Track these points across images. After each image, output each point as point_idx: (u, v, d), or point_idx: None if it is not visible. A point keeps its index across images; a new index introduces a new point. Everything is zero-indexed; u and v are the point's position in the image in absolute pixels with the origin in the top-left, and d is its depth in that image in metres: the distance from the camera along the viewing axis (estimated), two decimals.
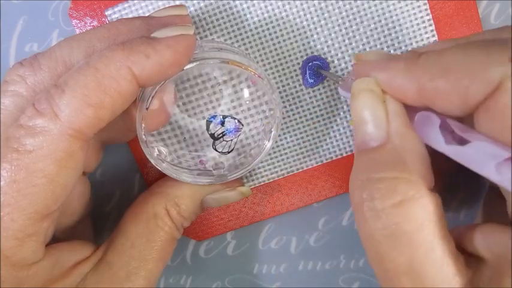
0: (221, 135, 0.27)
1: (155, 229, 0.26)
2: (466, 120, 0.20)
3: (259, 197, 0.31)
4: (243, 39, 0.28)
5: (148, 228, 0.26)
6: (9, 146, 0.20)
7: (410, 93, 0.20)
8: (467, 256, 0.20)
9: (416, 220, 0.19)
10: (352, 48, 0.29)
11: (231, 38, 0.28)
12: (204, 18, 0.28)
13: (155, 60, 0.21)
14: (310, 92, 0.29)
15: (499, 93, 0.17)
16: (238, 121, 0.28)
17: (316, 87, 0.29)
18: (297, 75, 0.29)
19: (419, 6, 0.28)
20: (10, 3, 0.29)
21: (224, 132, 0.28)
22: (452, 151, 0.19)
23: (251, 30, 0.28)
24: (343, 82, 0.26)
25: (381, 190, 0.19)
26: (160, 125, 0.28)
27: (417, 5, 0.28)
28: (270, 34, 0.28)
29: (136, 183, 0.31)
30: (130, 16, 0.28)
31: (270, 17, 0.28)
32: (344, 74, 0.29)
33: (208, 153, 0.28)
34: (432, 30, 0.29)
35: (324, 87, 0.29)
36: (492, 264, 0.20)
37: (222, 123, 0.27)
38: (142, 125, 0.24)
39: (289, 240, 0.33)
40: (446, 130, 0.20)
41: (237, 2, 0.28)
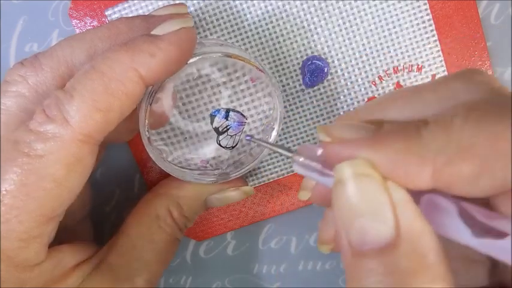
0: (225, 129, 0.27)
1: (157, 230, 0.26)
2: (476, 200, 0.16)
3: (259, 197, 0.31)
4: (243, 39, 0.28)
5: (150, 230, 0.26)
6: (20, 150, 0.20)
7: (420, 178, 0.16)
8: None
9: None
10: (352, 48, 0.29)
11: (231, 38, 0.28)
12: (204, 18, 0.28)
13: (160, 59, 0.21)
14: (310, 92, 0.29)
15: None
16: (242, 114, 0.28)
17: (316, 87, 0.29)
18: (297, 75, 0.29)
19: (419, 6, 0.28)
20: (10, 3, 0.29)
21: (228, 126, 0.27)
22: (484, 245, 0.15)
23: (251, 30, 0.28)
24: (300, 158, 0.19)
25: None
26: (160, 126, 0.28)
27: (417, 5, 0.28)
28: (270, 34, 0.28)
29: (136, 183, 0.31)
30: (130, 16, 0.28)
31: (270, 17, 0.28)
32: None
33: (209, 153, 0.28)
34: (432, 30, 0.29)
35: (324, 87, 0.29)
36: None
37: (226, 117, 0.27)
38: (146, 121, 0.24)
39: (289, 240, 0.33)
40: (464, 216, 0.16)
41: (237, 2, 0.28)
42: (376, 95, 0.29)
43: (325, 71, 0.29)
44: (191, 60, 0.23)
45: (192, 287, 0.33)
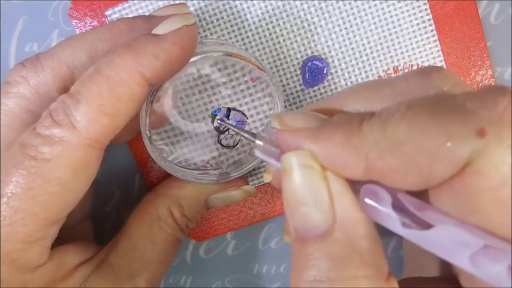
0: (226, 128, 0.27)
1: (158, 231, 0.26)
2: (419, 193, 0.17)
3: (259, 197, 0.31)
4: (243, 39, 0.28)
5: (152, 230, 0.26)
6: (26, 153, 0.20)
7: (355, 170, 0.17)
8: None
9: None
10: (352, 48, 0.29)
11: (231, 38, 0.28)
12: (204, 18, 0.28)
13: (164, 60, 0.21)
14: (310, 92, 0.29)
15: (468, 175, 0.15)
16: (243, 113, 0.28)
17: (316, 87, 0.29)
18: (297, 75, 0.29)
19: (419, 6, 0.28)
20: (10, 3, 0.29)
21: (230, 124, 0.27)
22: (412, 236, 0.16)
23: (251, 30, 0.28)
24: (260, 143, 0.20)
25: None
26: (161, 124, 0.28)
27: (417, 5, 0.28)
28: (270, 34, 0.28)
29: (136, 183, 0.31)
30: (130, 16, 0.28)
31: (270, 17, 0.28)
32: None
33: (209, 153, 0.28)
34: (432, 30, 0.29)
35: (324, 87, 0.29)
36: None
37: (227, 116, 0.27)
38: (147, 121, 0.24)
39: None
40: (398, 207, 0.17)
41: (237, 1, 0.28)
42: None
43: (325, 71, 0.29)
44: (192, 59, 0.23)
45: (192, 287, 0.33)
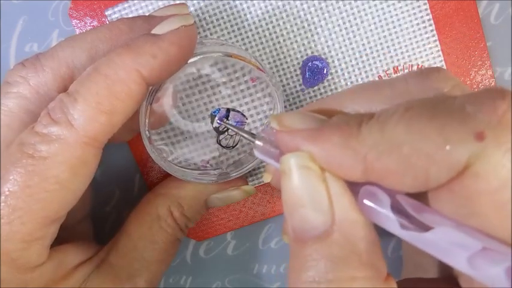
0: (225, 128, 0.27)
1: (158, 231, 0.26)
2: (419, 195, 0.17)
3: (259, 197, 0.31)
4: (243, 39, 0.28)
5: (151, 230, 0.26)
6: (24, 151, 0.20)
7: (353, 172, 0.17)
8: None
9: None
10: (352, 48, 0.29)
11: (231, 38, 0.28)
12: (204, 18, 0.28)
13: (162, 59, 0.21)
14: (310, 92, 0.29)
15: (467, 178, 0.15)
16: (242, 114, 0.28)
17: (316, 87, 0.29)
18: (297, 75, 0.29)
19: (419, 6, 0.28)
20: (10, 3, 0.29)
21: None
22: (411, 237, 0.16)
23: (251, 30, 0.28)
24: (260, 143, 0.20)
25: None
26: (161, 124, 0.28)
27: (417, 5, 0.28)
28: (270, 34, 0.28)
29: (136, 183, 0.31)
30: (130, 16, 0.28)
31: (270, 17, 0.28)
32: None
33: (209, 153, 0.28)
34: (432, 30, 0.29)
35: (324, 87, 0.29)
36: None
37: (227, 117, 0.27)
38: (146, 121, 0.24)
39: None
40: (397, 209, 0.17)
41: (237, 2, 0.28)
42: None
43: (325, 71, 0.29)
44: (191, 60, 0.23)
45: (192, 287, 0.33)
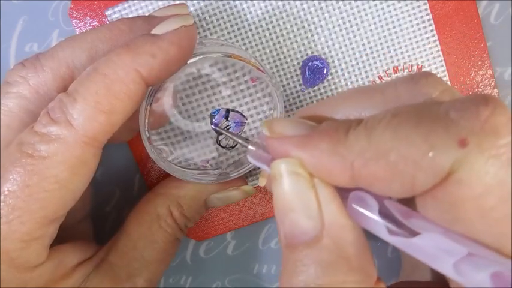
0: (225, 129, 0.27)
1: (158, 230, 0.26)
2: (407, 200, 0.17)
3: (259, 197, 0.31)
4: (243, 39, 0.28)
5: (151, 230, 0.26)
6: (23, 151, 0.20)
7: (341, 178, 0.17)
8: None
9: None
10: (352, 48, 0.29)
11: (231, 38, 0.28)
12: (204, 18, 0.28)
13: (161, 59, 0.21)
14: (310, 92, 0.29)
15: (451, 185, 0.15)
16: (242, 114, 0.28)
17: (316, 87, 0.29)
18: (297, 75, 0.29)
19: (419, 6, 0.28)
20: (10, 3, 0.29)
21: (228, 126, 0.27)
22: (399, 242, 0.16)
23: (251, 30, 0.28)
24: (253, 148, 0.21)
25: None
26: (161, 125, 0.28)
27: (417, 5, 0.28)
28: (270, 34, 0.28)
29: (136, 183, 0.31)
30: (130, 16, 0.28)
31: (270, 17, 0.28)
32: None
33: (209, 153, 0.28)
34: (432, 30, 0.29)
35: (324, 87, 0.29)
36: None
37: (226, 117, 0.27)
38: (146, 122, 0.24)
39: None
40: (385, 214, 0.17)
41: (237, 2, 0.28)
42: None
43: (325, 71, 0.29)
44: (191, 60, 0.23)
45: (192, 287, 0.33)
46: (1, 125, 0.22)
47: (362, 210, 0.17)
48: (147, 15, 0.24)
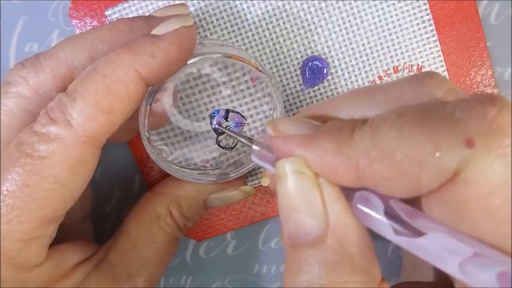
0: (227, 128, 0.27)
1: (157, 230, 0.26)
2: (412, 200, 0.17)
3: (259, 197, 0.31)
4: (243, 39, 0.28)
5: (151, 229, 0.26)
6: (23, 150, 0.20)
7: (346, 177, 0.17)
8: None
9: None
10: (352, 48, 0.29)
11: (231, 38, 0.28)
12: (204, 18, 0.28)
13: (161, 59, 0.21)
14: (310, 92, 0.29)
15: (457, 184, 0.15)
16: (241, 115, 0.27)
17: (316, 87, 0.29)
18: (297, 75, 0.29)
19: (419, 6, 0.28)
20: (10, 3, 0.29)
21: (228, 127, 0.27)
22: (404, 243, 0.16)
23: (251, 30, 0.28)
24: (257, 148, 0.21)
25: None
26: (161, 125, 0.28)
27: (417, 5, 0.28)
28: (270, 34, 0.28)
29: (136, 183, 0.31)
30: (130, 16, 0.28)
31: (270, 17, 0.28)
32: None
33: (209, 153, 0.28)
34: (432, 30, 0.29)
35: (324, 87, 0.29)
36: None
37: (226, 118, 0.27)
38: (146, 122, 0.24)
39: None
40: (390, 214, 0.17)
41: (237, 2, 0.28)
42: None
43: (325, 71, 0.29)
44: (191, 61, 0.23)
45: (192, 287, 0.33)
46: (1, 125, 0.22)
47: (367, 210, 0.17)
48: (147, 15, 0.24)
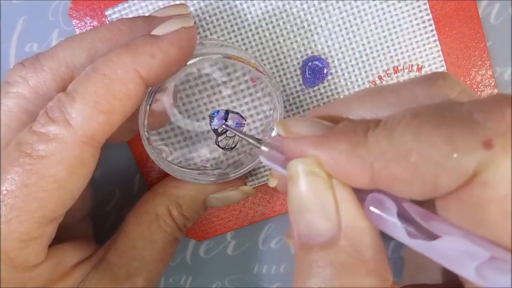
0: (224, 130, 0.27)
1: (157, 230, 0.26)
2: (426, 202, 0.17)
3: (259, 197, 0.31)
4: (243, 39, 0.28)
5: (150, 229, 0.26)
6: (22, 150, 0.20)
7: (360, 179, 0.17)
8: None
9: None
10: (352, 48, 0.29)
11: (231, 38, 0.28)
12: (204, 18, 0.28)
13: (161, 60, 0.21)
14: (310, 92, 0.29)
15: (476, 186, 0.15)
16: (241, 116, 0.27)
17: (316, 87, 0.29)
18: (297, 75, 0.29)
19: (419, 6, 0.28)
20: (10, 3, 0.29)
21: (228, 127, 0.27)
22: (418, 246, 0.16)
23: (251, 30, 0.28)
24: (266, 149, 0.20)
25: None
26: (160, 126, 0.28)
27: (417, 5, 0.28)
28: (270, 34, 0.28)
29: (136, 183, 0.31)
30: (130, 16, 0.28)
31: (270, 17, 0.28)
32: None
33: (209, 153, 0.28)
34: (432, 30, 0.29)
35: (324, 87, 0.29)
36: None
37: (225, 118, 0.27)
38: (145, 122, 0.24)
39: None
40: (404, 217, 0.17)
41: (237, 1, 0.28)
42: None
43: (325, 71, 0.29)
44: (191, 62, 0.23)
45: (192, 287, 0.33)
46: (1, 125, 0.22)
47: (380, 212, 0.17)
48: (147, 15, 0.24)
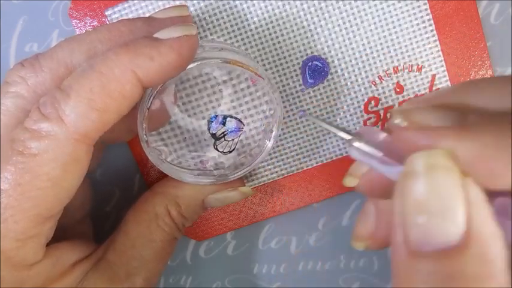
0: (222, 135, 0.27)
1: (156, 229, 0.26)
2: None
3: (259, 197, 0.31)
4: (243, 39, 0.28)
5: (149, 229, 0.26)
6: (14, 148, 0.20)
7: (506, 178, 0.14)
8: None
9: None
10: (352, 48, 0.29)
11: (231, 38, 0.28)
12: (204, 18, 0.28)
13: (159, 63, 0.21)
14: (310, 92, 0.29)
15: None
16: (240, 121, 0.28)
17: (316, 87, 0.29)
18: (297, 75, 0.29)
19: (419, 6, 0.28)
20: (10, 3, 0.29)
21: (225, 132, 0.28)
22: None
23: (251, 30, 0.28)
24: (359, 144, 0.19)
25: None
26: (160, 125, 0.28)
27: (417, 5, 0.28)
28: (270, 34, 0.28)
29: (136, 183, 0.31)
30: (130, 16, 0.28)
31: (270, 17, 0.28)
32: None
33: (209, 153, 0.28)
34: (432, 30, 0.29)
35: (324, 87, 0.29)
36: None
37: (224, 123, 0.27)
38: (144, 124, 0.24)
39: (289, 240, 0.33)
40: None
41: (237, 2, 0.28)
42: (376, 95, 0.29)
43: (325, 71, 0.29)
44: (190, 66, 0.23)
45: (192, 287, 0.33)
46: (1, 125, 0.22)
47: (506, 217, 0.15)
48: (147, 16, 0.24)
